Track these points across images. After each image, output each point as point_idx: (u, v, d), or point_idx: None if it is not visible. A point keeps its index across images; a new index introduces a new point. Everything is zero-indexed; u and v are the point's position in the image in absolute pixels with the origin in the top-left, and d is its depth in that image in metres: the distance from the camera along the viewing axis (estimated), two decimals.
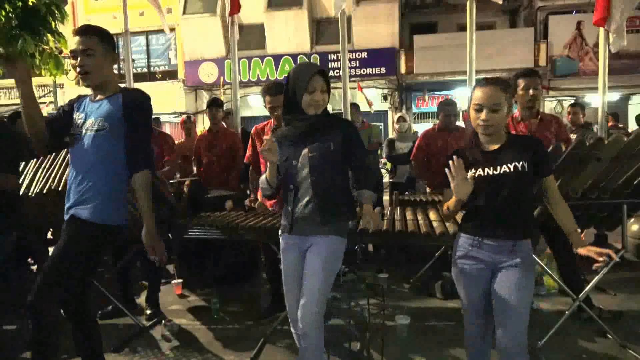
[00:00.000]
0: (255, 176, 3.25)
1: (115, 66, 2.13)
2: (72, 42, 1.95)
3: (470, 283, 1.90)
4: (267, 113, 3.17)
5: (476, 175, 1.83)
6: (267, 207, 3.14)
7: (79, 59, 1.94)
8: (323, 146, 1.97)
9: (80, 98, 2.12)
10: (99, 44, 1.96)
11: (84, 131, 1.99)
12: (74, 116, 2.06)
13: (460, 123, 4.45)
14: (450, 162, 1.81)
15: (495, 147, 1.85)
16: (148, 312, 3.34)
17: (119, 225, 2.05)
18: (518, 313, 1.76)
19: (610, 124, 5.53)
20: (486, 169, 1.83)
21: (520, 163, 1.78)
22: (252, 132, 3.37)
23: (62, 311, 2.08)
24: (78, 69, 1.95)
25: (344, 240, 2.05)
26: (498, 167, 1.81)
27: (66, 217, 2.03)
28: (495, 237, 1.82)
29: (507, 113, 1.83)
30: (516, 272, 1.78)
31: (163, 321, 3.18)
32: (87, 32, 1.97)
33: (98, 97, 2.04)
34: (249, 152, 3.39)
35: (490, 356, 1.96)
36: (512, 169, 1.78)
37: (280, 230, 2.15)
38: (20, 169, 3.04)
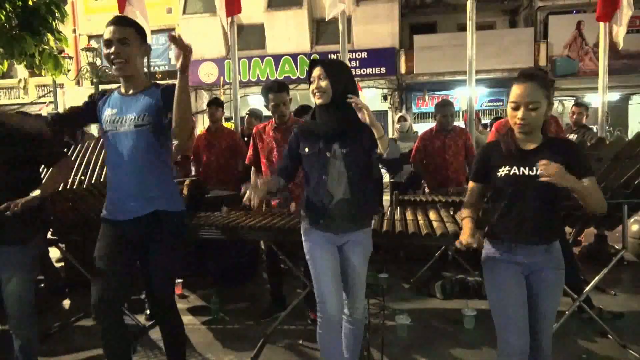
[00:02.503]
0: (256, 177, 3.25)
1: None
2: (107, 31, 1.91)
3: (507, 286, 1.79)
4: (267, 113, 3.17)
5: (511, 173, 1.76)
6: (272, 206, 3.13)
7: (113, 47, 1.89)
8: (356, 141, 1.99)
9: (105, 93, 2.07)
10: (134, 34, 1.94)
11: (124, 127, 1.93)
12: (105, 113, 2.00)
13: (460, 123, 4.45)
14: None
15: (532, 147, 1.76)
16: (148, 312, 3.34)
17: (183, 211, 2.10)
18: (552, 316, 1.78)
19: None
20: (521, 169, 1.74)
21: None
22: (253, 132, 3.36)
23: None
24: (113, 57, 1.90)
25: (371, 228, 2.17)
26: (535, 169, 1.70)
27: (135, 213, 1.94)
28: (530, 241, 1.76)
29: (547, 111, 1.74)
30: (551, 275, 1.77)
31: None
32: (123, 22, 1.96)
33: (131, 91, 1.99)
34: (250, 152, 3.38)
35: None
36: None
37: (306, 225, 2.09)
38: None
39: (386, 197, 5.12)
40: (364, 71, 13.41)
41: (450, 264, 4.17)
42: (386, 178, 6.60)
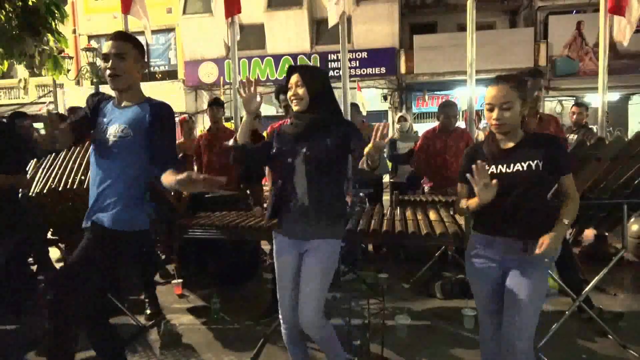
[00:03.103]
0: (271, 176, 3.26)
1: None
2: (106, 45, 1.98)
3: (481, 281, 1.92)
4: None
5: (490, 172, 1.81)
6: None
7: (110, 62, 1.95)
8: (320, 144, 1.98)
9: (106, 99, 2.11)
10: (132, 49, 1.99)
11: (107, 136, 1.97)
12: (98, 120, 2.05)
13: (461, 123, 4.45)
14: (474, 166, 1.76)
15: (511, 145, 1.84)
16: (148, 311, 3.34)
17: (141, 230, 2.03)
18: (527, 313, 1.75)
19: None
20: (499, 167, 1.82)
21: (535, 162, 1.76)
22: (267, 130, 3.36)
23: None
24: (108, 72, 1.96)
25: (339, 242, 2.08)
26: (511, 165, 1.79)
27: (86, 223, 2.01)
28: (506, 235, 1.81)
29: (522, 110, 1.80)
30: (527, 272, 1.77)
31: (163, 321, 3.18)
32: (122, 37, 2.00)
33: (123, 103, 2.04)
34: None
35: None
36: (525, 168, 1.77)
37: (274, 232, 2.15)
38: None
39: (386, 197, 5.13)
40: (364, 71, 13.40)
41: (450, 264, 4.17)
42: (386, 178, 6.62)
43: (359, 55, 13.35)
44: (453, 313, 3.25)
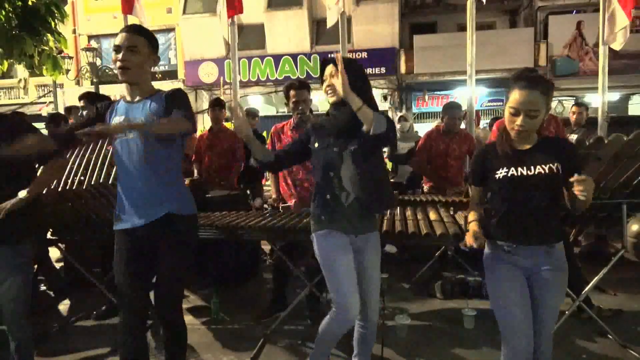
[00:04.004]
0: (274, 176, 3.27)
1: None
2: (119, 37, 1.94)
3: (510, 290, 1.78)
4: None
5: (509, 175, 1.76)
6: (290, 206, 3.13)
7: (121, 54, 1.92)
8: (365, 138, 1.89)
9: (112, 104, 2.09)
10: (145, 43, 1.96)
11: (132, 133, 1.94)
12: (113, 121, 2.00)
13: (462, 124, 4.43)
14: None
15: (527, 147, 1.77)
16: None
17: (195, 213, 2.12)
18: (552, 318, 1.78)
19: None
20: (519, 169, 1.74)
21: (555, 164, 1.71)
22: (271, 131, 3.36)
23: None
24: (118, 63, 1.93)
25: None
26: (532, 168, 1.72)
27: (141, 221, 1.95)
28: (531, 242, 1.76)
29: (545, 116, 1.73)
30: (552, 277, 1.75)
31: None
32: (135, 30, 1.97)
33: (137, 98, 2.02)
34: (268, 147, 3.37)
35: None
36: (547, 170, 1.71)
37: (317, 226, 2.05)
38: None
39: None
40: None
41: (450, 264, 4.17)
42: None
43: (359, 55, 13.34)
44: (453, 313, 3.25)
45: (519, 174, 1.74)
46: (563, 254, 1.80)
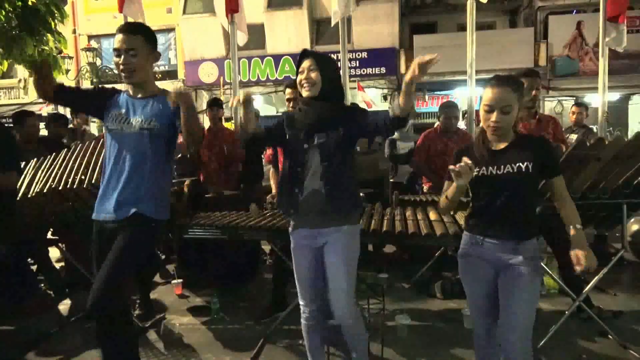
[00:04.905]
0: (275, 175, 3.27)
1: None
2: (117, 39, 1.92)
3: (472, 281, 1.92)
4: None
5: (480, 174, 1.82)
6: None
7: (122, 57, 1.92)
8: (333, 132, 1.95)
9: (116, 92, 2.09)
10: (143, 43, 1.95)
11: (129, 129, 1.96)
12: (113, 111, 2.02)
13: (462, 124, 4.43)
14: (462, 163, 1.76)
15: (502, 146, 1.84)
16: (137, 312, 3.30)
17: (165, 220, 2.09)
18: (522, 312, 1.75)
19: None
20: (489, 168, 1.82)
21: (525, 164, 1.76)
22: None
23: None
24: (121, 67, 1.93)
25: (358, 226, 2.08)
26: (502, 167, 1.80)
27: (112, 215, 1.96)
28: (497, 236, 1.82)
29: (518, 113, 1.81)
30: (520, 271, 1.77)
31: (163, 321, 3.18)
32: (133, 30, 1.96)
33: (140, 94, 2.02)
34: (269, 151, 3.38)
35: (499, 356, 1.93)
36: (515, 170, 1.77)
37: (290, 228, 2.11)
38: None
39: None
40: (364, 71, 13.39)
41: (450, 264, 4.16)
42: None
43: (359, 55, 13.34)
44: (453, 313, 3.25)
45: (489, 172, 1.82)
46: (535, 250, 1.83)
